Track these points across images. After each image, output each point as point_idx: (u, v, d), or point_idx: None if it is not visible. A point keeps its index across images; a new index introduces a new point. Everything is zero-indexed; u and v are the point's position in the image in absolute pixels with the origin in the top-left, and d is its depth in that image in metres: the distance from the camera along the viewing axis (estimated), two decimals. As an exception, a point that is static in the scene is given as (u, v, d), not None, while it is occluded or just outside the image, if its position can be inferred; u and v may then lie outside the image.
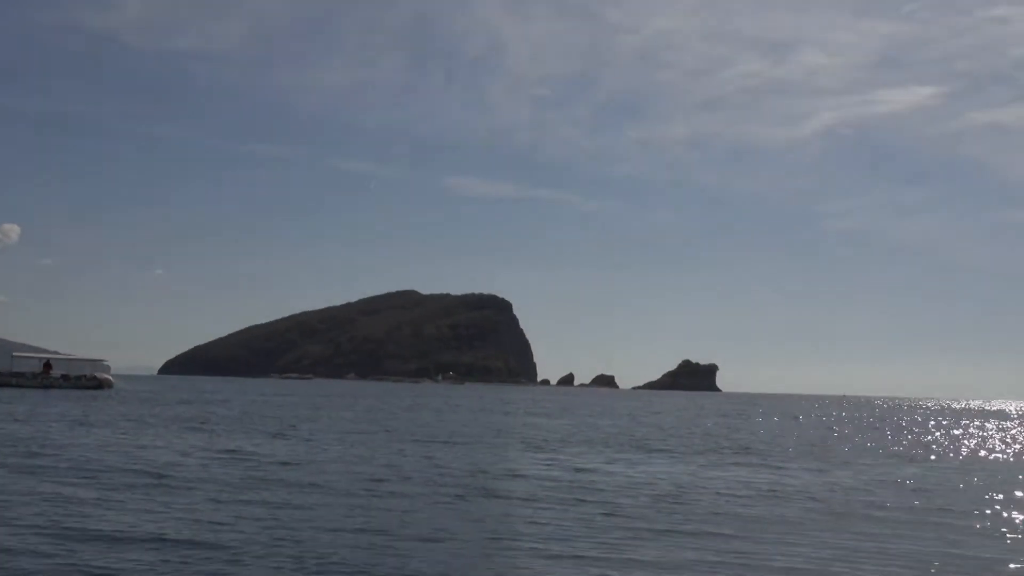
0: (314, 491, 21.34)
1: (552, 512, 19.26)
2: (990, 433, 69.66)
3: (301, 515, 17.84)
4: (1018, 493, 26.05)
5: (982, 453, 44.83)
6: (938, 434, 64.21)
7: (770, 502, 22.29)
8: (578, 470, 28.12)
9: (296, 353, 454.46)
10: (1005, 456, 42.48)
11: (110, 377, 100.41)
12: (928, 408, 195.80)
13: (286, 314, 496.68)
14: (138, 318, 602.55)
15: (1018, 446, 52.49)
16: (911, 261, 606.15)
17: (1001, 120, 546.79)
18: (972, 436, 63.29)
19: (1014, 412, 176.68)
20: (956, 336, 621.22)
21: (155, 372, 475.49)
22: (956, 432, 70.51)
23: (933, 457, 39.85)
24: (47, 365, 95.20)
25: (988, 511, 21.93)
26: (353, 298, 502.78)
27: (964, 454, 43.83)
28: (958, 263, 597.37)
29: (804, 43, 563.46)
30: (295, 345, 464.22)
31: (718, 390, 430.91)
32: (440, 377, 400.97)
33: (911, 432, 67.46)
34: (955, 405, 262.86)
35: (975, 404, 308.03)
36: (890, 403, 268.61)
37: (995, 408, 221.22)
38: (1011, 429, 79.97)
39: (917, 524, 19.26)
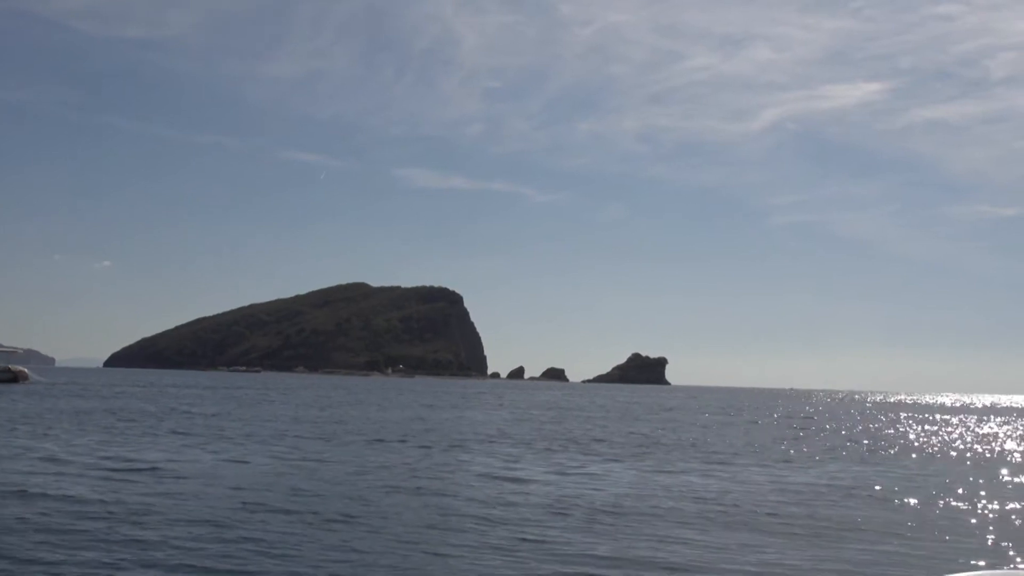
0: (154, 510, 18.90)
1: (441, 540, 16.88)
2: (927, 428, 70.27)
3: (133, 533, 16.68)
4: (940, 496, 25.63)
5: (912, 452, 44.94)
6: (871, 427, 64.69)
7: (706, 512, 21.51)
8: (496, 477, 26.86)
9: (244, 346, 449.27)
10: (938, 453, 42.40)
11: (25, 370, 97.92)
12: (873, 402, 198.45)
13: (234, 306, 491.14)
14: (84, 310, 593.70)
15: (958, 445, 52.78)
16: (858, 255, 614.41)
17: (945, 116, 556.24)
18: (909, 431, 63.74)
19: (955, 405, 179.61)
20: (901, 329, 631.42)
21: (100, 364, 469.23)
22: (889, 429, 71.07)
23: (866, 453, 39.90)
24: None
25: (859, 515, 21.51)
26: (302, 290, 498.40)
27: (888, 450, 43.91)
28: (903, 257, 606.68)
29: (753, 38, 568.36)
30: (243, 338, 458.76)
31: (667, 383, 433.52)
32: (390, 370, 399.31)
33: (850, 428, 67.90)
34: (900, 398, 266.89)
35: (920, 397, 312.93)
36: (834, 396, 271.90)
37: (937, 402, 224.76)
38: (951, 423, 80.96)
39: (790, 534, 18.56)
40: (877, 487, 27.18)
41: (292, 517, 18.58)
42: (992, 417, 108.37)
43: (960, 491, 26.79)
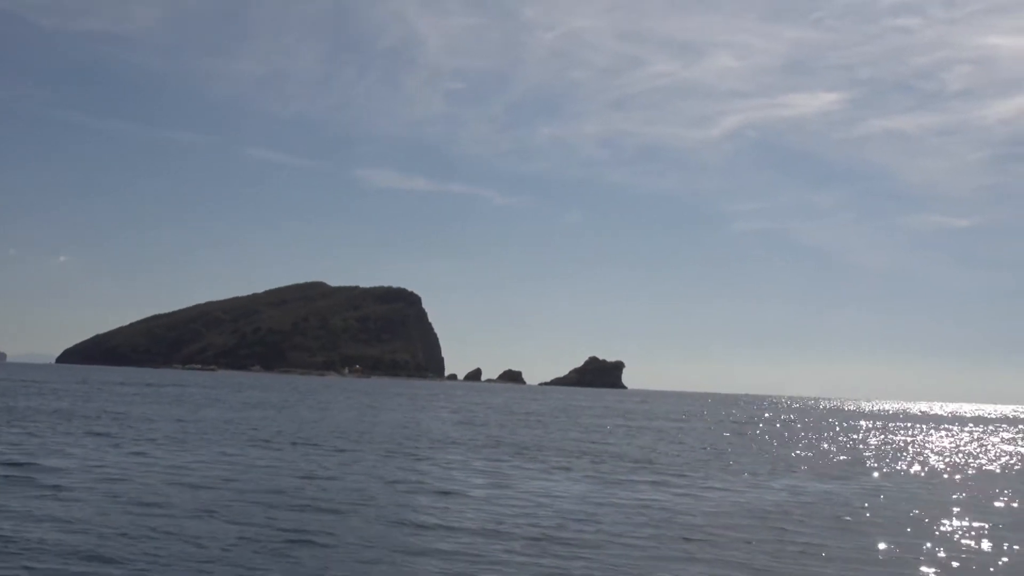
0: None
1: None
2: (881, 437, 70.91)
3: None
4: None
5: (860, 463, 45.44)
6: (812, 436, 65.58)
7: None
8: (430, 491, 24.98)
9: (200, 344, 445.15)
10: (893, 465, 41.66)
11: None
12: (828, 408, 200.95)
13: (190, 304, 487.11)
14: (39, 305, 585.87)
15: (911, 459, 53.21)
16: (816, 263, 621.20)
17: (902, 127, 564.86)
18: (864, 441, 64.21)
19: (908, 412, 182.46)
20: (857, 337, 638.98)
21: (53, 361, 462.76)
22: (835, 439, 71.87)
23: (804, 468, 40.06)
24: None
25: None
26: (260, 289, 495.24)
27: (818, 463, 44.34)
28: (860, 265, 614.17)
29: (715, 46, 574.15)
30: (199, 335, 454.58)
31: (624, 387, 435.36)
32: (347, 370, 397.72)
33: (806, 436, 68.77)
34: (854, 406, 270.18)
35: (873, 404, 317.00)
36: (790, 402, 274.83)
37: (889, 409, 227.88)
38: (899, 432, 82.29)
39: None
40: (841, 506, 25.59)
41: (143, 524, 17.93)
42: (943, 426, 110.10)
43: (915, 512, 25.33)
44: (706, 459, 40.38)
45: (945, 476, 37.41)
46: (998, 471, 41.50)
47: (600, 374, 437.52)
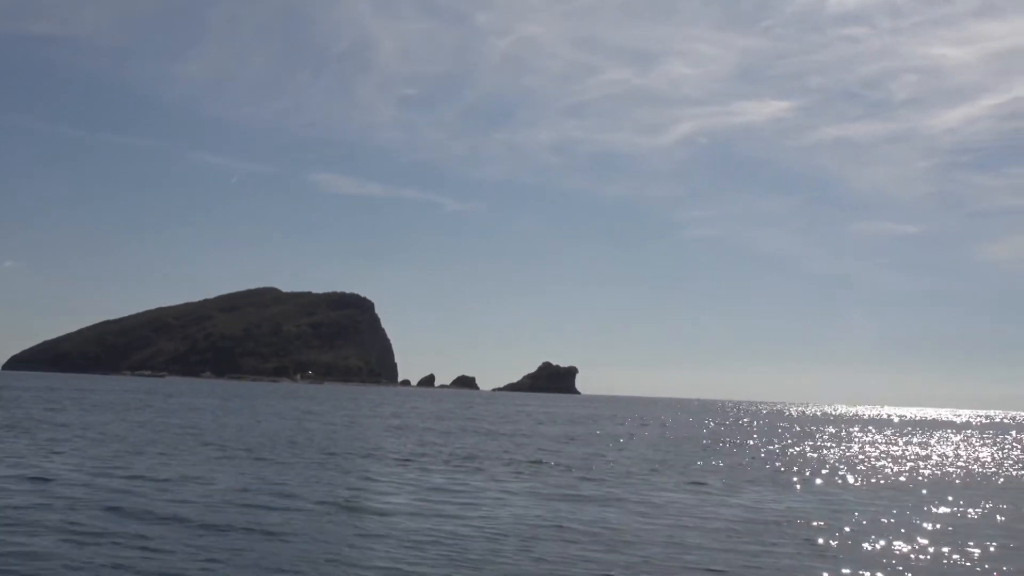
0: None
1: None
2: (832, 444, 71.29)
3: None
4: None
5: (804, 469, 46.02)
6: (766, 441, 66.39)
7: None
8: (349, 508, 23.18)
9: (150, 350, 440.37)
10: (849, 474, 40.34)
11: None
12: (776, 412, 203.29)
13: (140, 309, 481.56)
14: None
15: (864, 462, 53.44)
16: (767, 269, 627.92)
17: (850, 135, 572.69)
18: (816, 448, 64.32)
19: (859, 416, 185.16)
20: (808, 342, 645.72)
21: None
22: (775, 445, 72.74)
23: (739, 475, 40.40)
24: None
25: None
26: (211, 294, 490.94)
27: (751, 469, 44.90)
28: (810, 272, 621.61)
29: (667, 54, 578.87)
30: (149, 342, 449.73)
31: (577, 392, 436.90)
32: (299, 376, 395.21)
33: (756, 444, 69.45)
34: (803, 410, 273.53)
35: (822, 408, 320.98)
36: (741, 407, 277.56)
37: (840, 413, 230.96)
38: (857, 436, 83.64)
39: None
40: (799, 521, 23.93)
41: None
42: (893, 430, 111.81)
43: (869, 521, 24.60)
44: (656, 467, 38.52)
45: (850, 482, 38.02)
46: (903, 478, 42.34)
47: (554, 379, 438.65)
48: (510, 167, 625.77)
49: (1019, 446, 78.52)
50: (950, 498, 30.88)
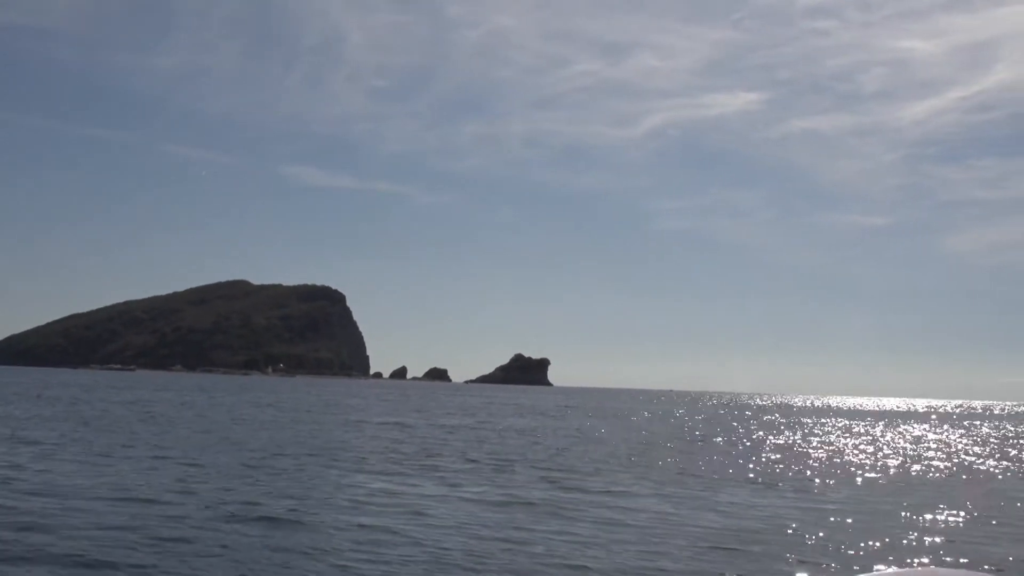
0: None
1: None
2: (808, 437, 71.76)
3: None
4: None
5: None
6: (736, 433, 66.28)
7: None
8: (252, 518, 19.85)
9: (119, 343, 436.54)
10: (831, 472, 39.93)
11: None
12: (744, 403, 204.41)
13: (109, 303, 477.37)
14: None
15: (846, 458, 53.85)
16: (739, 260, 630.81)
17: (819, 128, 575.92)
18: (793, 441, 64.72)
19: (843, 407, 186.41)
20: (780, 334, 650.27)
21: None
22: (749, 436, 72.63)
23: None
24: None
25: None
26: (181, 287, 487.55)
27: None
28: (782, 263, 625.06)
29: (638, 46, 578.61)
30: (118, 335, 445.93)
31: (549, 384, 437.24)
32: (270, 369, 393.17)
33: (734, 437, 69.42)
34: (776, 400, 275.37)
35: (795, 399, 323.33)
36: (714, 399, 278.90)
37: (814, 404, 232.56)
38: (835, 429, 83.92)
39: None
40: (789, 531, 20.75)
41: None
42: (871, 421, 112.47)
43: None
44: (628, 465, 35.68)
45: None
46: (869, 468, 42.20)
47: (526, 371, 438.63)
48: (482, 159, 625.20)
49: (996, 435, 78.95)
50: (947, 498, 28.95)
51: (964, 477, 35.99)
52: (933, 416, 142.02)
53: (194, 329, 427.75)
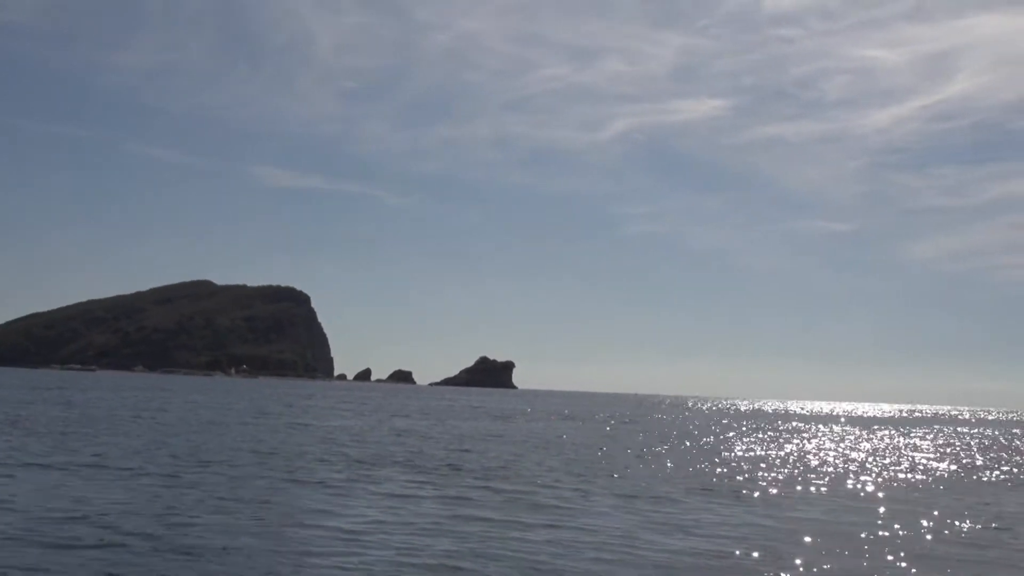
0: None
1: None
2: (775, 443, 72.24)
3: None
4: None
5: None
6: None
7: None
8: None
9: (80, 343, 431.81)
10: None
11: None
12: (713, 408, 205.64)
13: (71, 302, 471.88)
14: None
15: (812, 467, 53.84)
16: (705, 266, 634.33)
17: (784, 134, 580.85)
18: (759, 448, 65.18)
19: (805, 413, 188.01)
20: (745, 339, 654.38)
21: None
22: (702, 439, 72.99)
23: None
24: None
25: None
26: (144, 287, 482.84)
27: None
28: (747, 269, 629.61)
29: (605, 51, 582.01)
30: (79, 335, 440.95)
31: (514, 387, 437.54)
32: (233, 370, 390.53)
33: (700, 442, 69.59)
34: (741, 405, 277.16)
35: (758, 403, 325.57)
36: (677, 402, 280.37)
37: (774, 408, 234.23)
38: (803, 433, 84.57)
39: None
40: (756, 554, 18.79)
41: None
42: (837, 428, 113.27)
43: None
44: (583, 473, 33.99)
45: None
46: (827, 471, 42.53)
47: (491, 374, 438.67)
48: (450, 162, 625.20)
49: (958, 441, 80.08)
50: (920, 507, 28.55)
51: (940, 488, 36.55)
52: (898, 421, 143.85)
53: (157, 329, 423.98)
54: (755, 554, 18.67)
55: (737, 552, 18.83)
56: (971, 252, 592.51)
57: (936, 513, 26.93)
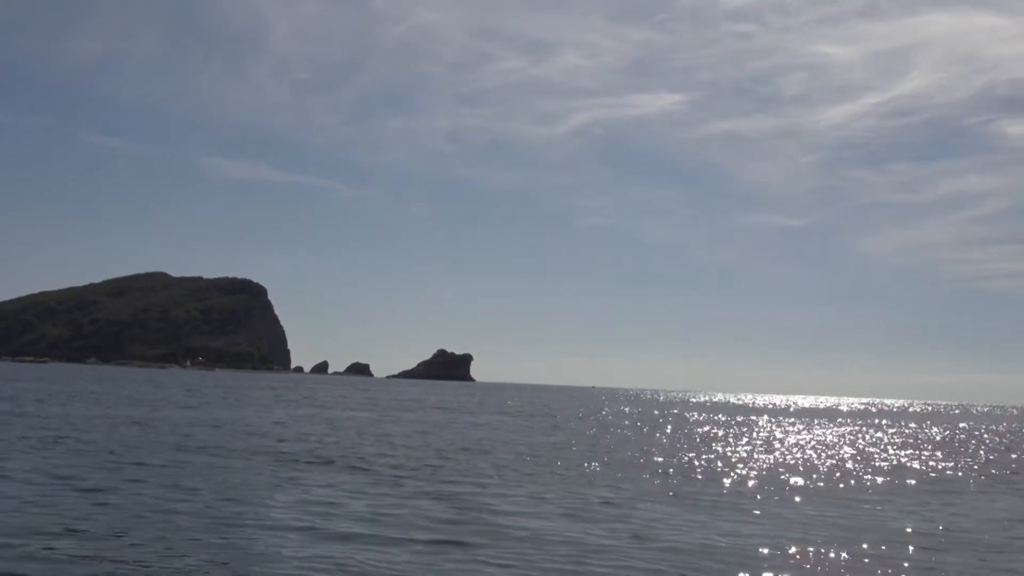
0: None
1: None
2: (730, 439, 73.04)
3: None
4: None
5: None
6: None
7: None
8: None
9: (32, 335, 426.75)
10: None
11: None
12: (669, 400, 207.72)
13: (23, 293, 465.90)
14: None
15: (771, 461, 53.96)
16: (659, 259, 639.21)
17: (739, 129, 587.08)
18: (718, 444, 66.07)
19: (758, 405, 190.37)
20: (698, 331, 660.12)
21: None
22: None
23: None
24: None
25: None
26: (97, 279, 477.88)
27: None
28: (700, 262, 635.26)
29: (563, 44, 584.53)
30: (31, 326, 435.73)
31: (472, 380, 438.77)
32: (188, 363, 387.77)
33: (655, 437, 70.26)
34: (693, 397, 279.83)
35: (710, 397, 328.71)
36: (630, 394, 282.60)
37: (727, 401, 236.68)
38: (757, 426, 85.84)
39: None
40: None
41: None
42: (795, 421, 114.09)
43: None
44: (536, 469, 32.42)
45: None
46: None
47: (449, 367, 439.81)
48: (405, 154, 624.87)
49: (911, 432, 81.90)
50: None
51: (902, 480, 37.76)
52: (868, 414, 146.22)
53: (111, 321, 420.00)
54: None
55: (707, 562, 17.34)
56: (923, 247, 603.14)
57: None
